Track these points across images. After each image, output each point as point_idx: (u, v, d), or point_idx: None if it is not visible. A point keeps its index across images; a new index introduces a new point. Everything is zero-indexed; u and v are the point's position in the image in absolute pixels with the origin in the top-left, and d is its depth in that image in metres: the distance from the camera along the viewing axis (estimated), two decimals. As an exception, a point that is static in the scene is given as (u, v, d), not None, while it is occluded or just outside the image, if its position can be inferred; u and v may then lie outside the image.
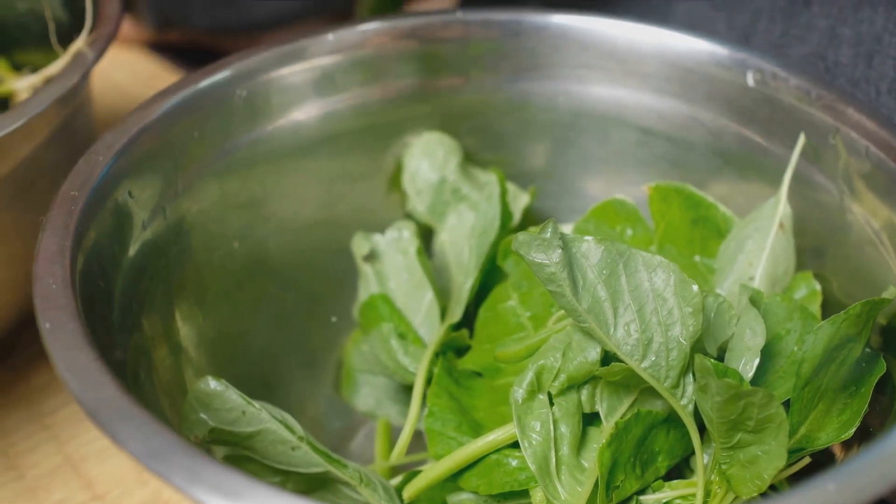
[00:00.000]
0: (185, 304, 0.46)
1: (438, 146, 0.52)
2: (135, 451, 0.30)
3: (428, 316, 0.49)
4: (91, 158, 0.42)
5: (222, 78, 0.48)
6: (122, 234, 0.42)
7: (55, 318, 0.35)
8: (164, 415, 0.40)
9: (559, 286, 0.39)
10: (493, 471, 0.41)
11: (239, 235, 0.49)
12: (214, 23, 0.80)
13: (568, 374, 0.40)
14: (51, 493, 0.50)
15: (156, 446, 0.30)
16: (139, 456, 0.30)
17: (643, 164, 0.53)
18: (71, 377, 0.32)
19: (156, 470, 0.30)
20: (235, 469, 0.30)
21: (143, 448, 0.30)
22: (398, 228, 0.52)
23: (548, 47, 0.52)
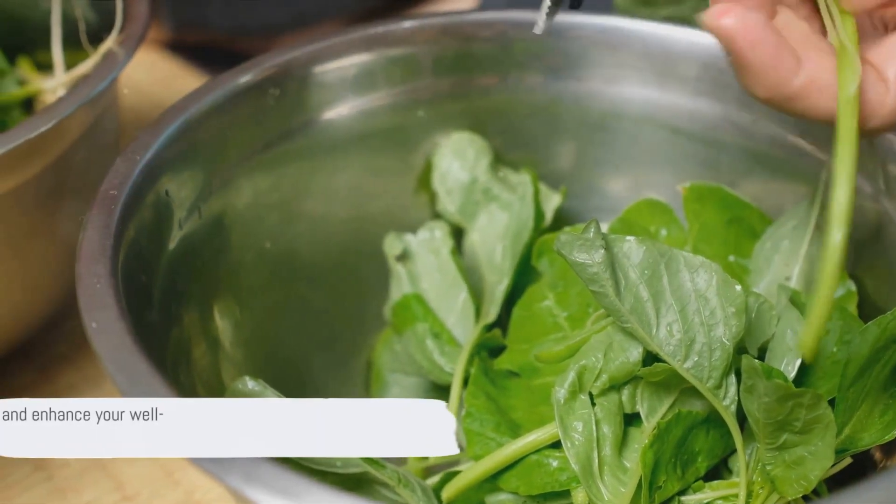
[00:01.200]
0: (221, 303, 0.46)
1: (469, 146, 0.52)
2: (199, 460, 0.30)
3: (462, 316, 0.49)
4: (128, 157, 0.42)
5: (255, 77, 0.48)
6: (159, 232, 0.42)
7: (101, 317, 0.35)
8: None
9: (602, 287, 0.39)
10: (534, 471, 0.41)
11: (271, 235, 0.49)
12: (233, 24, 0.79)
13: (609, 374, 0.40)
14: (80, 494, 0.50)
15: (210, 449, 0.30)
16: (203, 464, 0.30)
17: (673, 164, 0.53)
18: (122, 378, 0.32)
19: (212, 471, 0.29)
20: (289, 468, 0.30)
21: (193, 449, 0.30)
22: (430, 228, 0.51)
23: (579, 47, 0.52)
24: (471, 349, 0.46)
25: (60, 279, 0.54)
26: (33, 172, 0.48)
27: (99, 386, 0.56)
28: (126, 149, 0.42)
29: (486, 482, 0.42)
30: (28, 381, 0.56)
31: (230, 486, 0.29)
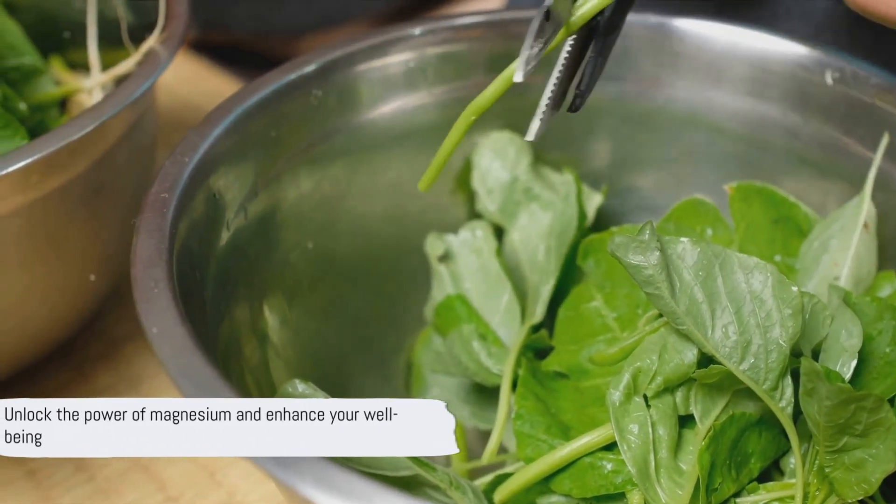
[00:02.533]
0: (268, 304, 0.46)
1: (509, 145, 0.52)
2: (260, 459, 0.30)
3: (506, 317, 0.49)
4: (177, 160, 0.42)
5: (299, 76, 0.48)
6: (209, 234, 0.42)
7: (161, 322, 0.34)
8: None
9: (657, 289, 0.39)
10: (587, 474, 0.41)
11: (313, 236, 0.49)
12: (258, 25, 0.79)
13: (664, 376, 0.40)
14: (123, 494, 0.50)
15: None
16: (265, 464, 0.30)
17: (714, 163, 0.53)
18: (186, 383, 0.32)
19: (283, 478, 0.29)
20: (361, 474, 0.30)
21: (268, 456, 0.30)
22: (472, 228, 0.51)
23: (621, 46, 0.51)
24: (518, 350, 0.46)
25: (99, 279, 0.53)
26: (77, 172, 0.47)
27: (136, 387, 0.55)
28: (174, 151, 0.42)
29: (537, 484, 0.42)
30: (65, 381, 0.56)
31: (302, 493, 0.29)
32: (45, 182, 0.46)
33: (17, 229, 0.46)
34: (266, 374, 0.44)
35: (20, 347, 0.51)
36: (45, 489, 0.50)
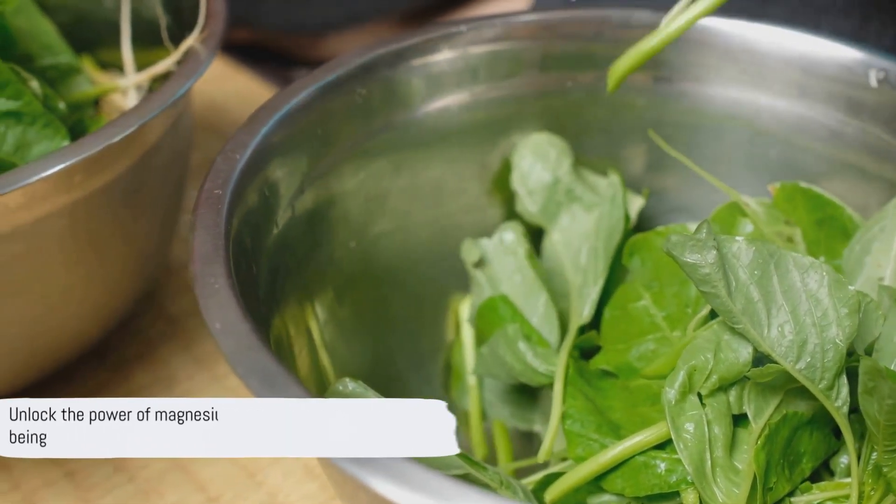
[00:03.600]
0: (314, 302, 0.46)
1: (550, 147, 0.52)
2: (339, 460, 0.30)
3: (545, 317, 0.49)
4: (228, 156, 0.41)
5: (344, 74, 0.47)
6: (260, 231, 0.42)
7: (224, 318, 0.34)
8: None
9: (714, 287, 0.39)
10: (641, 473, 0.41)
11: (356, 235, 0.49)
12: (286, 23, 0.79)
13: (720, 374, 0.40)
14: (164, 495, 0.49)
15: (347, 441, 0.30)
16: (344, 465, 0.29)
17: (754, 165, 0.53)
18: (253, 380, 0.32)
19: (363, 477, 0.29)
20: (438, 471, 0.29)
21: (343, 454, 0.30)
22: (503, 232, 0.51)
23: (661, 45, 0.52)
24: (569, 350, 0.45)
25: (137, 278, 0.53)
26: (118, 171, 0.47)
27: (171, 387, 0.55)
28: (224, 148, 0.42)
29: (588, 484, 0.42)
30: (102, 381, 0.55)
31: (381, 493, 0.29)
32: (89, 182, 0.46)
33: (61, 229, 0.46)
34: (315, 372, 0.44)
35: (59, 348, 0.51)
36: (85, 490, 0.49)
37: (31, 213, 0.44)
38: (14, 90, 0.46)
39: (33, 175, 0.42)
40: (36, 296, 0.47)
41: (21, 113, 0.47)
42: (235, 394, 0.55)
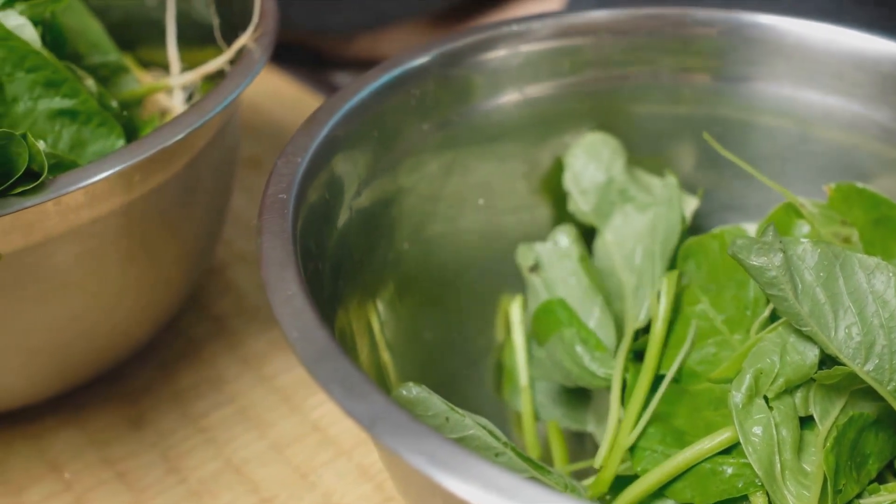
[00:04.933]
0: (373, 303, 0.45)
1: (603, 146, 0.51)
2: (418, 463, 0.29)
3: (601, 321, 0.48)
4: (290, 160, 0.41)
5: (397, 76, 0.47)
6: (321, 234, 0.42)
7: (301, 325, 0.34)
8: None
9: (781, 290, 0.38)
10: (708, 480, 0.40)
11: (409, 236, 0.49)
12: (316, 23, 0.79)
13: (786, 377, 0.40)
14: (217, 497, 0.49)
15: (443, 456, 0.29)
16: (421, 465, 0.29)
17: (805, 163, 0.52)
18: (336, 388, 0.32)
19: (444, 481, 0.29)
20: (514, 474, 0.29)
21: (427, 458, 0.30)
22: (557, 235, 0.51)
23: (711, 43, 0.51)
24: (626, 354, 0.45)
25: (185, 279, 0.53)
26: (173, 171, 0.47)
27: (219, 388, 0.55)
28: (284, 151, 0.42)
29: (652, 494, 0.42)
30: (149, 381, 0.55)
31: (446, 486, 0.28)
32: (146, 181, 0.45)
33: (117, 229, 0.46)
34: (377, 372, 0.44)
35: (111, 348, 0.51)
36: (138, 491, 0.49)
37: (91, 213, 0.44)
38: (70, 88, 0.46)
39: (95, 175, 0.42)
40: (91, 296, 0.47)
41: (77, 111, 0.46)
42: (284, 394, 0.55)
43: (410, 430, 0.30)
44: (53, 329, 0.47)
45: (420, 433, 0.30)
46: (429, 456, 0.30)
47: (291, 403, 0.54)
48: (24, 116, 0.46)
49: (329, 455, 0.51)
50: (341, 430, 0.52)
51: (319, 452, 0.51)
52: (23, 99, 0.46)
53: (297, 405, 0.54)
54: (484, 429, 0.41)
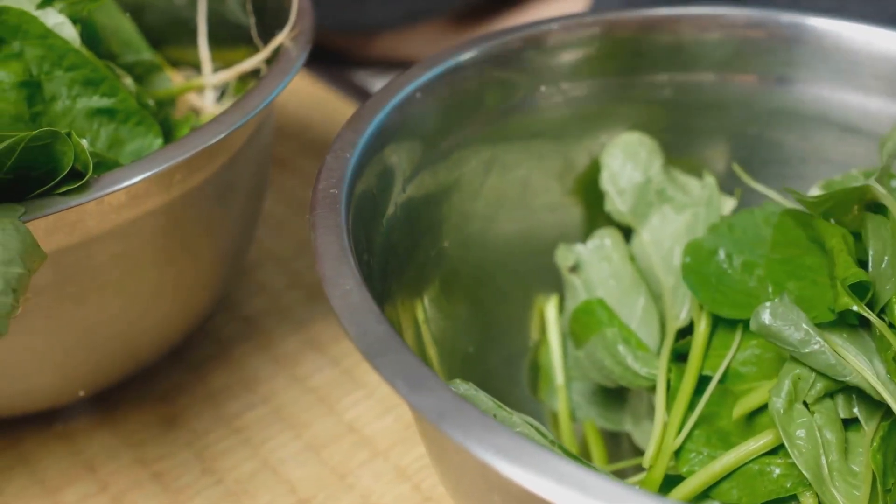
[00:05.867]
0: (420, 299, 0.45)
1: (640, 147, 0.51)
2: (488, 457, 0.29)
3: (643, 321, 0.48)
4: (338, 156, 0.41)
5: (440, 74, 0.47)
6: (370, 231, 0.41)
7: (361, 320, 0.34)
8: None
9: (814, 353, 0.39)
10: (756, 480, 0.40)
11: (449, 235, 0.49)
12: (336, 22, 0.78)
13: (824, 383, 0.40)
14: (255, 497, 0.49)
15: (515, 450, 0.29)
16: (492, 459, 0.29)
17: (842, 163, 0.52)
18: (402, 383, 0.31)
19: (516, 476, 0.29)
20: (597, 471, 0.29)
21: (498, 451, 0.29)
22: (600, 237, 0.51)
23: (751, 43, 0.51)
24: (669, 353, 0.45)
25: (220, 279, 0.53)
26: (213, 170, 0.47)
27: (252, 389, 0.55)
28: (333, 147, 0.42)
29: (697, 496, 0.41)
30: (182, 381, 0.55)
31: (518, 481, 0.28)
32: (187, 180, 0.45)
33: (156, 228, 0.45)
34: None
35: (147, 348, 0.51)
36: (174, 492, 0.49)
37: (131, 213, 0.44)
38: (109, 87, 0.46)
39: (140, 173, 0.41)
40: (129, 296, 0.47)
41: (115, 110, 0.46)
42: (317, 395, 0.54)
43: (480, 424, 0.30)
44: (90, 329, 0.47)
45: (490, 427, 0.30)
46: (499, 449, 0.29)
47: (326, 404, 0.54)
48: (62, 115, 0.46)
49: (365, 455, 0.51)
50: (377, 431, 0.52)
51: (356, 453, 0.51)
52: (61, 97, 0.46)
53: (332, 406, 0.53)
54: (531, 426, 0.41)
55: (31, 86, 0.44)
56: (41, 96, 0.45)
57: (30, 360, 0.46)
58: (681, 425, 0.43)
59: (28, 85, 0.44)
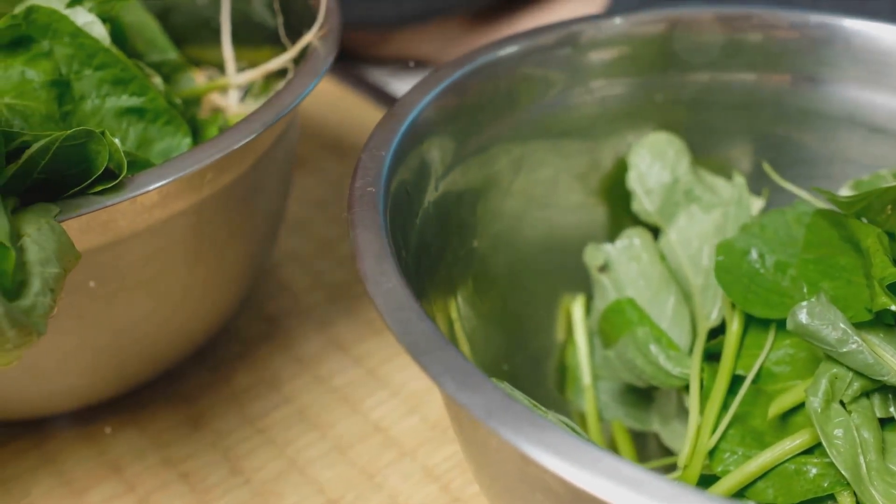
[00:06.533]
0: (455, 298, 0.45)
1: (668, 147, 0.51)
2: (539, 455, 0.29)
3: (674, 320, 0.48)
4: (373, 154, 0.41)
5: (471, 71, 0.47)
6: (406, 229, 0.41)
7: (404, 319, 0.33)
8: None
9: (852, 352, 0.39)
10: (792, 480, 0.40)
11: (478, 234, 0.48)
12: (365, 16, 0.78)
13: (861, 382, 0.39)
14: (283, 497, 0.49)
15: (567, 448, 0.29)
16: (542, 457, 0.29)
17: (868, 164, 0.52)
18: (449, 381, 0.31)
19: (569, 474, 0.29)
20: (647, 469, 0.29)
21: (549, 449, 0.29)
22: (628, 237, 0.51)
23: (780, 43, 0.51)
24: (701, 353, 0.45)
25: (247, 278, 0.53)
26: (243, 170, 0.47)
27: (277, 388, 0.55)
28: (367, 145, 0.41)
29: (732, 496, 0.41)
30: (205, 381, 0.55)
31: (571, 479, 0.28)
32: (217, 180, 0.45)
33: (186, 229, 0.45)
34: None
35: (175, 348, 0.51)
36: (201, 493, 0.49)
37: (163, 213, 0.43)
38: (138, 86, 0.46)
39: (175, 173, 0.41)
40: (159, 296, 0.47)
41: (144, 109, 0.46)
42: (341, 395, 0.54)
43: (530, 421, 0.30)
44: (119, 329, 0.47)
45: (540, 424, 0.30)
46: (551, 447, 0.29)
47: (350, 404, 0.53)
48: (91, 114, 0.46)
49: (393, 456, 0.50)
50: (402, 431, 0.52)
51: (383, 453, 0.51)
52: (90, 97, 0.46)
53: (356, 406, 0.53)
54: (566, 426, 0.41)
55: (60, 85, 0.44)
56: (70, 95, 0.45)
57: (59, 361, 0.46)
58: (715, 425, 0.43)
59: (58, 84, 0.44)
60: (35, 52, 0.44)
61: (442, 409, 0.53)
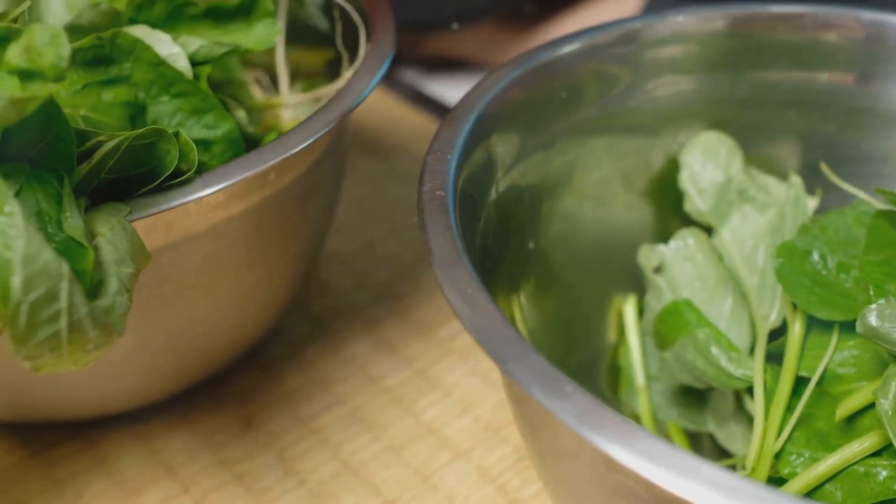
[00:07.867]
0: (510, 302, 0.45)
1: (720, 146, 0.51)
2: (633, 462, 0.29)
3: (732, 321, 0.48)
4: (440, 157, 0.41)
5: (533, 70, 0.47)
6: (471, 232, 0.41)
7: (488, 325, 0.33)
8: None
9: None
10: (861, 482, 0.40)
11: (535, 235, 0.48)
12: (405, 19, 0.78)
13: (933, 382, 0.39)
14: (339, 499, 0.49)
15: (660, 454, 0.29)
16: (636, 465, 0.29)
17: (922, 163, 0.52)
18: (537, 389, 0.31)
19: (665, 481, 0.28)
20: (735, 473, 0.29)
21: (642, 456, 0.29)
22: (682, 237, 0.51)
23: (832, 42, 0.51)
24: (764, 354, 0.45)
25: (300, 278, 0.53)
26: (301, 170, 0.47)
27: (328, 389, 0.55)
28: (432, 148, 0.41)
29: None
30: (256, 383, 0.55)
31: (666, 486, 0.28)
32: (278, 180, 0.45)
33: (248, 228, 0.45)
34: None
35: (226, 349, 0.51)
36: (256, 494, 0.49)
37: (226, 212, 0.43)
38: (215, 117, 0.44)
39: (241, 173, 0.41)
40: (217, 296, 0.47)
41: (212, 142, 0.45)
42: (393, 395, 0.54)
43: (621, 428, 0.30)
44: (176, 330, 0.47)
45: (631, 431, 0.30)
46: (644, 453, 0.29)
47: (402, 405, 0.53)
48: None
49: (447, 457, 0.50)
50: (456, 432, 0.52)
51: (437, 454, 0.50)
52: (162, 123, 0.45)
53: (408, 407, 0.53)
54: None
55: (135, 107, 0.44)
56: (143, 119, 0.45)
57: (118, 362, 0.46)
58: (780, 427, 0.43)
59: (132, 105, 0.44)
60: (114, 74, 0.44)
61: (494, 411, 0.53)
